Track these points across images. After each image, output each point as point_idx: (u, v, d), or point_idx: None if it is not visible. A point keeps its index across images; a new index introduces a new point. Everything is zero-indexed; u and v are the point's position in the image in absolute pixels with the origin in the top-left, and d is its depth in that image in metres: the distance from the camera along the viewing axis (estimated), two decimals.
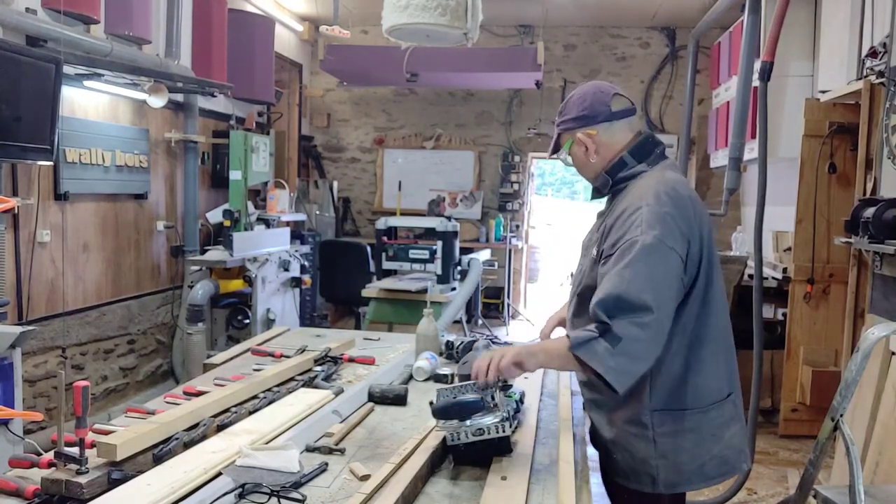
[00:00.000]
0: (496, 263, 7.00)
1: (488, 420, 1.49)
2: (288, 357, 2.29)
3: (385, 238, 4.98)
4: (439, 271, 4.80)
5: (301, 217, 6.28)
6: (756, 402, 3.39)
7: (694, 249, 1.56)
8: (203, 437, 1.55)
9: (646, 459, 1.61)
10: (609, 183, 1.70)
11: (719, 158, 5.89)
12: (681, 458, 1.60)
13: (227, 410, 1.72)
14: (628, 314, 1.46)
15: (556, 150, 1.78)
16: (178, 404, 1.76)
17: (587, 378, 1.66)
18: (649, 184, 1.61)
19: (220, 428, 1.62)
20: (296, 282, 5.34)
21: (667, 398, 1.60)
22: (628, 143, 1.69)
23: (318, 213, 6.94)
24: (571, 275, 2.01)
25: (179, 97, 4.88)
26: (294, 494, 1.32)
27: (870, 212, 2.94)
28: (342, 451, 1.57)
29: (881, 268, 3.08)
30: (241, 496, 1.30)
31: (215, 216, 5.21)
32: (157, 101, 4.32)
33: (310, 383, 2.03)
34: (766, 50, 3.45)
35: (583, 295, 1.66)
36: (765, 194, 3.42)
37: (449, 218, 4.92)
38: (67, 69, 3.58)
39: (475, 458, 1.51)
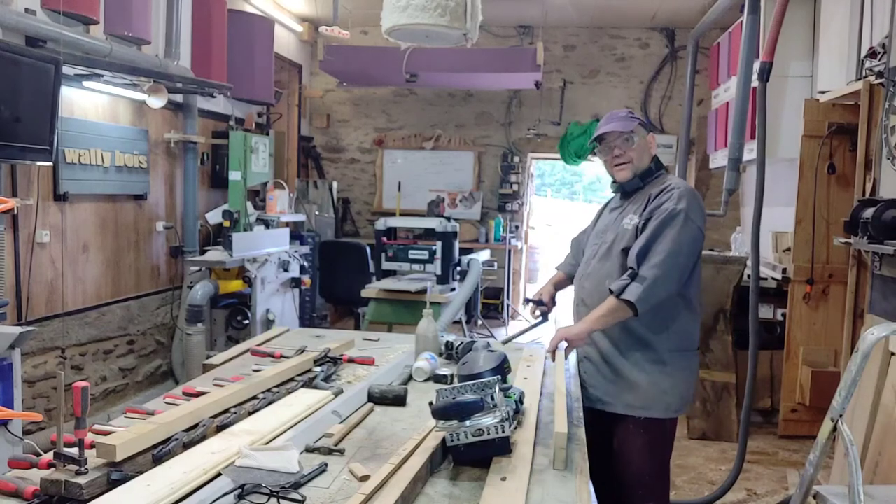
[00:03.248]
0: (496, 264, 7.01)
1: (488, 420, 1.49)
2: (287, 357, 2.29)
3: (385, 238, 4.98)
4: (439, 272, 4.80)
5: (300, 217, 6.28)
6: (749, 401, 3.39)
7: (704, 229, 2.15)
8: (203, 438, 1.55)
9: (665, 391, 2.18)
10: (639, 184, 2.29)
11: (719, 159, 5.89)
12: (684, 388, 2.22)
13: (226, 411, 1.72)
14: (650, 260, 2.07)
15: (628, 132, 2.26)
16: (177, 405, 1.76)
17: (617, 334, 2.19)
18: (670, 178, 2.28)
19: (220, 428, 1.62)
20: (295, 282, 5.34)
21: (678, 342, 2.20)
22: (652, 158, 2.33)
23: (317, 213, 6.93)
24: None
25: (179, 97, 4.88)
26: (293, 495, 1.31)
27: (869, 212, 2.94)
28: (342, 452, 1.56)
29: (880, 268, 3.08)
30: (240, 497, 1.30)
31: (215, 217, 5.21)
32: (157, 102, 4.32)
33: (309, 384, 2.03)
34: (765, 50, 3.45)
35: (622, 252, 2.21)
36: (763, 195, 3.42)
37: (448, 218, 4.91)
38: (67, 70, 3.58)
39: (475, 458, 1.51)
